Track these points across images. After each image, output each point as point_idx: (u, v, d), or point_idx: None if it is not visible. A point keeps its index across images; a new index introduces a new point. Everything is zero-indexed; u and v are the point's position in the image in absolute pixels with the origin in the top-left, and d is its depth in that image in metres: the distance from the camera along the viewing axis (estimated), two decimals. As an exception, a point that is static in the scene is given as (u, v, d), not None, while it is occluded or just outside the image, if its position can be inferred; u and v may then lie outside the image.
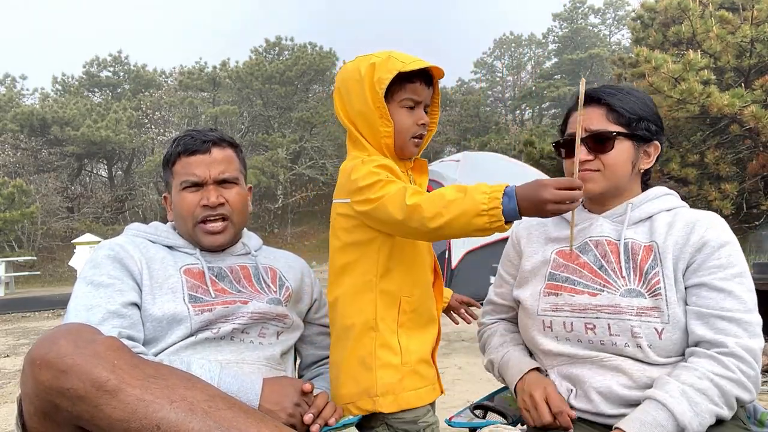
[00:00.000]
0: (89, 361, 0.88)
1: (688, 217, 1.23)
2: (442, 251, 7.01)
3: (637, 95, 1.29)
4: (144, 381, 0.88)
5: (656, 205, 1.28)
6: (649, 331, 1.17)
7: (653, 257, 1.21)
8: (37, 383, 0.89)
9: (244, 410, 0.90)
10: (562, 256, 1.33)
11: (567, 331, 1.25)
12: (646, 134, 1.27)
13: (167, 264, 1.36)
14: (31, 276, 14.65)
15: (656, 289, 1.18)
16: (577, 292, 1.25)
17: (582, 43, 30.23)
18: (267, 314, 1.38)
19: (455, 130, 27.02)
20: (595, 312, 1.22)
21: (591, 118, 1.26)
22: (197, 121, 23.55)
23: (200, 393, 0.90)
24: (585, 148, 1.24)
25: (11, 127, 19.69)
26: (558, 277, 1.30)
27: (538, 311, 1.30)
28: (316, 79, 25.74)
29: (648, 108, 1.28)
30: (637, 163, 1.28)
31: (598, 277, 1.25)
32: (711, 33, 8.71)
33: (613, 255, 1.25)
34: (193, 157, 1.40)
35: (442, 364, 4.00)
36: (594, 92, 1.29)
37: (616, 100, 1.26)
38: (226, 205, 1.40)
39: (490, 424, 1.31)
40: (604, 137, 1.24)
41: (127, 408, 0.85)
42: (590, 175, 1.25)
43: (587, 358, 1.22)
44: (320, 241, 21.76)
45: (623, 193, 1.30)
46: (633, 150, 1.26)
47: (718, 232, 1.19)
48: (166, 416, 0.85)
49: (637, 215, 1.27)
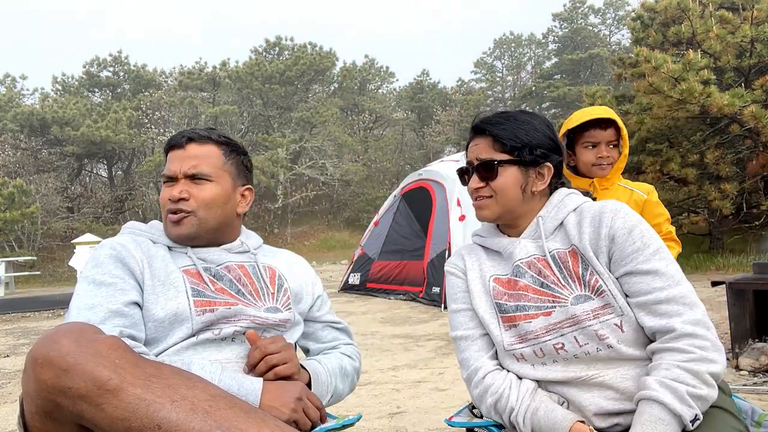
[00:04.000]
0: (91, 360, 0.88)
1: (592, 212, 1.29)
2: (442, 251, 7.03)
3: (524, 121, 1.35)
4: (145, 380, 0.88)
5: (562, 210, 1.34)
6: (610, 328, 1.20)
7: (581, 260, 1.26)
8: (38, 382, 0.89)
9: (246, 410, 0.90)
10: (500, 283, 1.34)
11: (539, 356, 1.26)
12: (531, 158, 1.33)
13: (168, 262, 1.36)
14: (31, 276, 14.65)
15: (598, 288, 1.22)
16: (531, 317, 1.26)
17: (582, 43, 30.22)
18: (269, 321, 1.38)
19: (455, 130, 27.02)
20: (557, 330, 1.23)
21: (480, 149, 1.36)
22: (197, 121, 23.55)
23: (201, 393, 0.90)
24: (477, 177, 1.35)
25: (11, 127, 19.69)
26: (507, 307, 1.30)
27: (504, 347, 1.29)
28: (316, 79, 25.75)
29: (536, 133, 1.34)
30: (527, 186, 1.34)
31: (545, 295, 1.27)
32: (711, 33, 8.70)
33: (547, 270, 1.28)
34: (172, 152, 1.43)
35: (442, 364, 4.01)
36: (481, 124, 1.37)
37: (500, 130, 1.33)
38: (190, 201, 1.38)
39: (489, 424, 1.32)
40: (489, 165, 1.33)
41: (128, 407, 0.85)
42: (484, 202, 1.35)
43: (570, 381, 1.23)
44: (320, 241, 21.77)
45: (523, 214, 1.36)
46: (520, 174, 1.33)
47: (623, 219, 1.24)
48: (167, 416, 0.85)
49: (550, 226, 1.33)
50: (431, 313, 6.44)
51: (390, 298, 7.79)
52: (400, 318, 6.26)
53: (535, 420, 1.20)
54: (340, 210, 24.52)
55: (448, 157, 10.33)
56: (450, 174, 7.76)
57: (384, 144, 27.00)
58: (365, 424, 2.78)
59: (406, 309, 6.89)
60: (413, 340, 4.96)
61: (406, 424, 2.78)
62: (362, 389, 3.43)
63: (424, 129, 28.25)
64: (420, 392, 3.34)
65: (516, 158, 1.32)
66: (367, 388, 3.47)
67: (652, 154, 9.71)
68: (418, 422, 2.80)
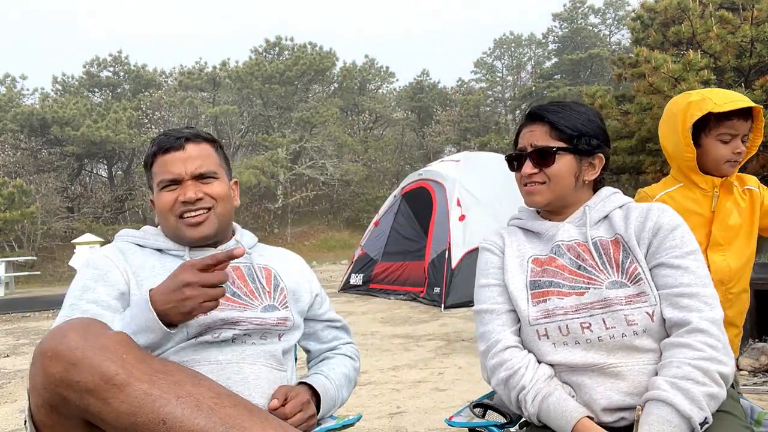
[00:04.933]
0: (99, 355, 0.89)
1: (640, 208, 1.35)
2: (442, 251, 7.03)
3: (581, 112, 1.38)
4: (151, 376, 0.89)
5: (609, 204, 1.38)
6: (641, 316, 1.22)
7: (623, 248, 1.30)
8: (46, 375, 0.90)
9: (250, 409, 0.91)
10: (536, 263, 1.36)
11: (563, 335, 1.26)
12: (587, 148, 1.36)
13: (157, 272, 1.35)
14: (31, 276, 14.64)
15: (636, 276, 1.25)
16: (564, 294, 1.28)
17: (582, 43, 30.22)
18: (267, 321, 1.38)
19: (455, 130, 27.04)
20: (587, 310, 1.25)
21: (535, 135, 1.37)
22: (197, 121, 23.55)
23: (207, 390, 0.90)
24: (530, 163, 1.36)
25: (11, 127, 19.68)
26: (541, 283, 1.32)
27: (530, 321, 1.30)
28: (316, 79, 25.74)
29: (591, 123, 1.38)
30: (580, 174, 1.37)
31: (581, 277, 1.29)
32: (711, 33, 8.71)
33: (587, 254, 1.31)
34: (168, 155, 1.39)
35: (442, 364, 4.01)
36: (539, 110, 1.39)
37: (558, 118, 1.35)
38: (206, 198, 1.39)
39: (490, 424, 1.32)
40: (546, 152, 1.34)
41: (134, 402, 0.86)
42: (537, 188, 1.37)
43: (588, 367, 1.23)
44: (320, 241, 21.77)
45: (573, 203, 1.40)
46: (575, 163, 1.36)
47: (669, 217, 1.30)
48: (173, 411, 0.86)
49: (596, 216, 1.37)
50: (431, 313, 6.44)
51: (390, 298, 7.79)
52: (401, 318, 6.26)
53: (545, 405, 1.20)
54: (340, 210, 24.52)
55: (448, 157, 10.33)
56: (450, 174, 7.76)
57: (384, 144, 27.00)
58: (365, 424, 2.79)
59: (406, 309, 6.89)
60: (413, 340, 4.97)
61: (406, 424, 2.79)
62: (362, 389, 3.44)
63: (424, 129, 28.24)
64: (420, 392, 3.34)
65: (573, 146, 1.34)
66: (367, 388, 3.47)
67: (652, 154, 9.71)
68: (418, 422, 2.81)
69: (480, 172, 7.85)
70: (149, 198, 1.54)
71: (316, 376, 1.46)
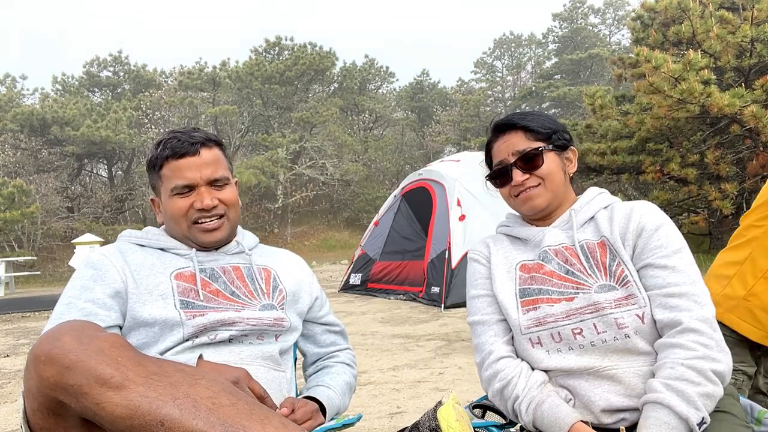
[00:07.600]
0: (93, 358, 0.88)
1: (624, 208, 1.34)
2: (442, 251, 7.03)
3: (542, 114, 1.44)
4: (147, 378, 0.88)
5: (594, 205, 1.39)
6: (631, 318, 1.21)
7: (609, 251, 1.29)
8: (40, 379, 0.89)
9: (249, 407, 0.90)
10: (524, 269, 1.36)
11: (556, 342, 1.26)
12: (563, 143, 1.40)
13: (156, 270, 1.35)
14: (31, 276, 14.65)
15: (624, 278, 1.25)
16: (554, 301, 1.28)
17: (582, 43, 30.23)
18: (264, 321, 1.38)
19: (455, 130, 27.04)
20: (577, 316, 1.25)
21: (513, 143, 1.38)
22: (197, 121, 23.55)
23: (204, 390, 0.90)
24: (519, 170, 1.36)
25: (11, 127, 19.68)
26: (530, 291, 1.32)
27: (522, 329, 1.30)
28: (316, 79, 25.75)
29: (555, 122, 1.43)
30: (565, 169, 1.41)
31: (569, 282, 1.29)
32: (711, 33, 8.71)
33: (574, 258, 1.31)
34: (183, 160, 1.37)
35: (442, 364, 4.01)
36: (507, 120, 1.41)
37: (528, 122, 1.38)
38: (220, 205, 1.40)
39: (490, 424, 1.32)
40: (533, 154, 1.36)
41: (130, 404, 0.85)
42: (533, 192, 1.36)
43: (583, 370, 1.23)
44: (320, 241, 21.77)
45: (563, 201, 1.41)
46: (558, 159, 1.39)
47: (653, 217, 1.30)
48: (170, 413, 0.85)
49: (582, 218, 1.37)
50: (431, 313, 6.44)
51: (390, 298, 7.79)
52: (400, 318, 6.26)
53: (539, 412, 1.21)
54: (340, 210, 24.52)
55: (448, 157, 10.32)
56: (450, 174, 7.75)
57: (384, 144, 27.01)
58: (365, 424, 2.79)
59: (406, 309, 6.89)
60: (413, 340, 4.96)
61: (406, 424, 2.78)
62: (362, 389, 3.43)
63: (424, 129, 28.26)
64: (420, 392, 3.34)
65: (552, 143, 1.38)
66: (367, 388, 3.47)
67: (652, 154, 9.71)
68: (419, 422, 2.80)
69: (480, 172, 7.84)
70: (150, 198, 1.53)
71: (320, 388, 1.46)
